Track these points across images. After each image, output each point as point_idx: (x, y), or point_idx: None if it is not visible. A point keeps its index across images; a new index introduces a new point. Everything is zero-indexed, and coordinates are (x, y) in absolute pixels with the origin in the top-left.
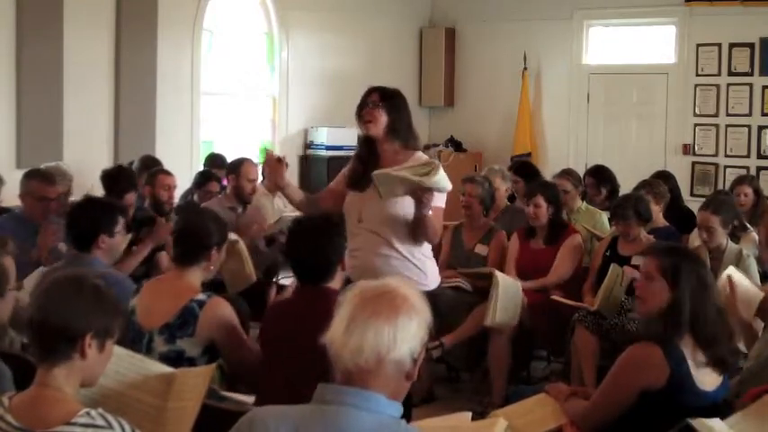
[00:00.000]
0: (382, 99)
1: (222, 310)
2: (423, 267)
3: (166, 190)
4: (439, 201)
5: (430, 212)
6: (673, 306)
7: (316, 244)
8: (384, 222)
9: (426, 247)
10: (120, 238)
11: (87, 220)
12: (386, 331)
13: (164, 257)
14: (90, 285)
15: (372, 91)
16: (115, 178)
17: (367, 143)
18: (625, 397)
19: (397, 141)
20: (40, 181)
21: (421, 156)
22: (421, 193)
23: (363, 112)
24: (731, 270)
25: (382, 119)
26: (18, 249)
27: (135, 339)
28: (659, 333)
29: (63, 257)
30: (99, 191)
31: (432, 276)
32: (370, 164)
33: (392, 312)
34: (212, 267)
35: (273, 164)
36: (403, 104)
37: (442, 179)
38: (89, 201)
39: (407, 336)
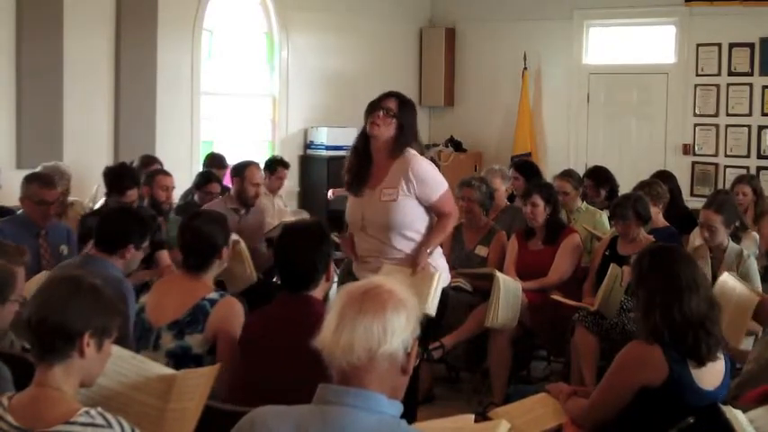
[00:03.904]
0: (398, 108)
1: (234, 310)
2: (434, 266)
3: (164, 190)
4: (440, 188)
5: (429, 249)
6: (642, 310)
7: (302, 250)
8: (388, 229)
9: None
10: (142, 253)
11: (123, 228)
12: (375, 326)
13: (164, 255)
14: (88, 285)
15: (391, 96)
16: (118, 175)
17: (364, 138)
18: (624, 394)
19: (392, 147)
20: (40, 185)
21: (408, 152)
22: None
23: (376, 117)
24: (726, 276)
25: (391, 129)
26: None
27: (142, 336)
28: (653, 335)
29: (66, 258)
30: (102, 192)
31: (443, 274)
32: (363, 166)
33: (379, 307)
34: (225, 264)
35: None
36: (414, 116)
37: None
38: (128, 209)
39: (397, 329)
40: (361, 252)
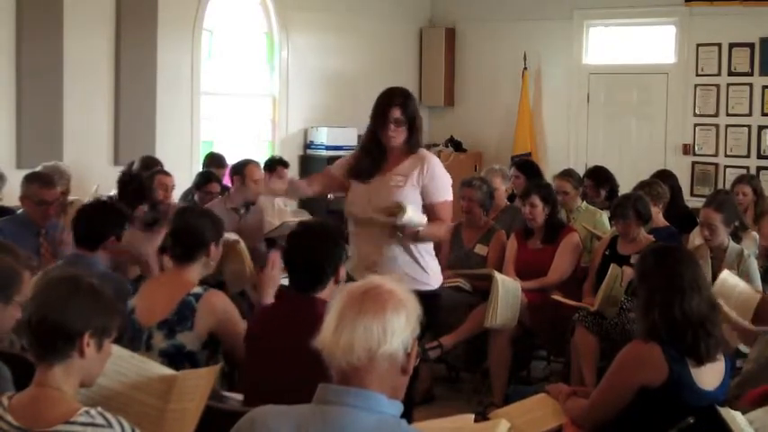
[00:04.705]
0: (403, 114)
1: (219, 301)
2: (425, 266)
3: (164, 190)
4: (445, 194)
5: (421, 228)
6: (642, 307)
7: (312, 251)
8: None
9: (429, 246)
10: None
11: (98, 221)
12: (375, 327)
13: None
14: (87, 284)
15: (394, 104)
16: (132, 187)
17: (375, 138)
18: (624, 394)
19: (408, 144)
20: (40, 185)
21: (425, 152)
22: (395, 230)
23: (389, 130)
24: (726, 273)
25: (403, 134)
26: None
27: (134, 337)
28: (652, 333)
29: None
30: (103, 192)
31: (434, 275)
32: (377, 159)
33: (379, 307)
34: (212, 263)
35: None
36: (416, 108)
37: (411, 219)
38: (101, 203)
39: (397, 329)
40: (357, 241)
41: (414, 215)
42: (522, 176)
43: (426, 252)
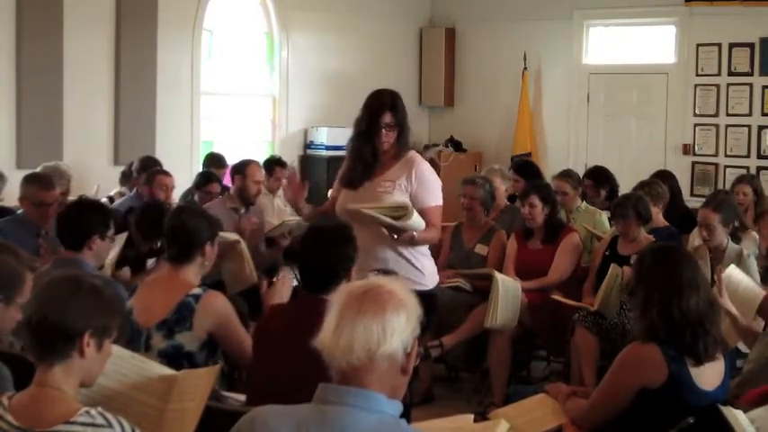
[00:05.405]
0: (394, 118)
1: (218, 302)
2: (420, 267)
3: (164, 190)
4: (435, 199)
5: (416, 233)
6: (640, 307)
7: (324, 253)
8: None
9: (423, 246)
10: (109, 243)
11: (81, 221)
12: (374, 327)
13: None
14: (88, 284)
15: (384, 107)
16: (152, 220)
17: (368, 143)
18: (623, 395)
19: (398, 146)
20: (39, 187)
21: (413, 155)
22: (392, 232)
23: (382, 135)
24: (732, 268)
25: (394, 137)
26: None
27: (133, 338)
28: (650, 333)
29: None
30: (103, 192)
31: (429, 275)
32: (369, 165)
33: (379, 307)
34: (207, 263)
35: (296, 185)
36: (405, 111)
37: (414, 222)
38: (83, 202)
39: (397, 329)
40: None
41: (417, 219)
42: (521, 180)
43: (420, 252)
